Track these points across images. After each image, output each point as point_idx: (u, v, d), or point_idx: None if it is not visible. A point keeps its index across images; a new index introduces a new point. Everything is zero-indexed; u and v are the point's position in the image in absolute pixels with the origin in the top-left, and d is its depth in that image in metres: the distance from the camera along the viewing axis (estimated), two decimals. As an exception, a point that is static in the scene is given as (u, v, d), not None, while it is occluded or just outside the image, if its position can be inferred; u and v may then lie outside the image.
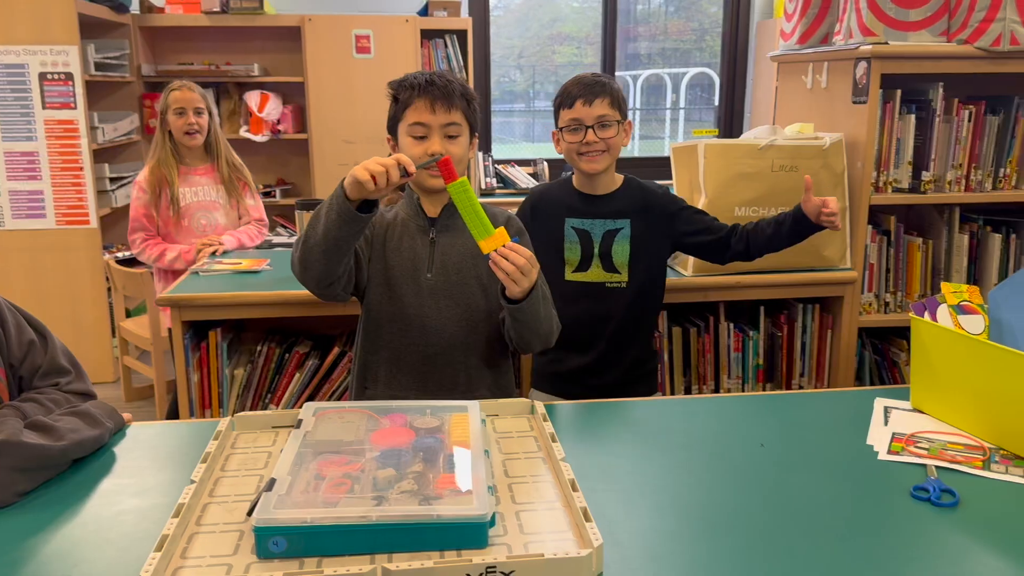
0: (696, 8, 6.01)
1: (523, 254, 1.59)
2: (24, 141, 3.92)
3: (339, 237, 1.59)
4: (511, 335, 1.79)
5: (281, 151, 5.01)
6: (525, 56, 6.07)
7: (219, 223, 3.19)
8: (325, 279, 1.68)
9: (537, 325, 1.73)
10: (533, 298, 1.66)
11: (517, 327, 1.74)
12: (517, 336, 1.77)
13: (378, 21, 4.72)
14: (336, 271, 1.67)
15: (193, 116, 3.08)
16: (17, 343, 1.51)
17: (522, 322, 1.71)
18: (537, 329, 1.74)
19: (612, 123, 2.06)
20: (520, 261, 1.59)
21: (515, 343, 1.81)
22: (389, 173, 1.50)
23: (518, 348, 1.84)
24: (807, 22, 2.91)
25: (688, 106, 6.31)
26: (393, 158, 1.52)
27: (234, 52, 4.89)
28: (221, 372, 2.45)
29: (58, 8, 3.86)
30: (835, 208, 2.05)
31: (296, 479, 1.20)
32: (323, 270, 1.65)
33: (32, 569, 1.11)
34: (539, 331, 1.75)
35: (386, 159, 1.51)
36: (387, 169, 1.50)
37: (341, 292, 1.75)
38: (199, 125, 3.10)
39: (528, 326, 1.72)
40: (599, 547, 1.08)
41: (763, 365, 2.75)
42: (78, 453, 1.39)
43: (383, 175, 1.50)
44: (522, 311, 1.68)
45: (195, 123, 3.09)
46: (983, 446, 1.46)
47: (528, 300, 1.66)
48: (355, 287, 1.83)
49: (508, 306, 1.68)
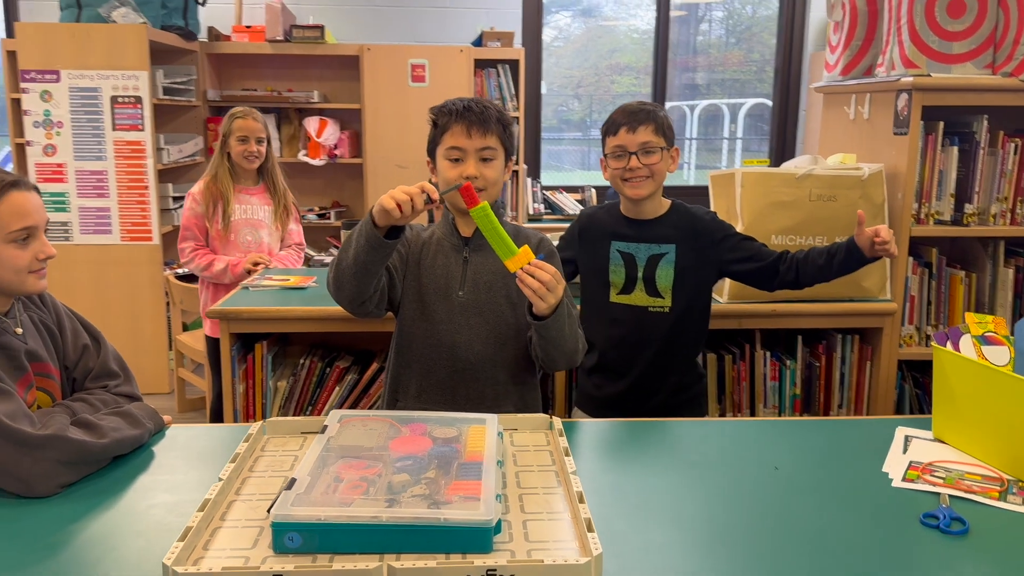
0: (756, 39, 6.01)
1: (548, 270, 1.65)
2: (94, 161, 4.12)
3: (368, 261, 1.67)
4: (537, 352, 1.84)
5: (337, 175, 5.16)
6: (583, 86, 6.14)
7: (263, 241, 3.32)
8: (357, 299, 1.76)
9: (562, 342, 1.77)
10: (558, 315, 1.71)
11: (543, 344, 1.78)
12: (543, 353, 1.82)
13: (434, 51, 4.85)
14: (367, 291, 1.75)
15: (255, 145, 3.23)
16: (73, 347, 1.62)
17: (548, 339, 1.76)
18: (562, 346, 1.78)
19: (656, 149, 2.10)
20: (545, 277, 1.64)
21: (541, 361, 1.86)
22: (414, 201, 1.59)
23: (544, 366, 1.89)
24: (850, 54, 2.92)
25: (746, 136, 6.31)
26: (417, 186, 1.60)
27: (296, 79, 5.07)
28: (265, 383, 2.55)
29: (131, 36, 4.07)
30: (887, 236, 2.04)
31: (316, 480, 1.27)
32: (355, 291, 1.74)
33: (69, 553, 1.20)
34: (564, 348, 1.79)
35: (411, 188, 1.59)
36: (411, 197, 1.58)
37: (374, 309, 1.82)
38: (259, 153, 3.26)
39: (554, 343, 1.77)
40: (598, 556, 1.11)
41: (800, 395, 2.74)
42: (119, 450, 1.48)
43: (408, 203, 1.59)
44: (548, 328, 1.72)
45: (256, 151, 3.24)
46: (1002, 477, 1.46)
47: (554, 317, 1.70)
48: (389, 303, 1.90)
49: (534, 323, 1.73)
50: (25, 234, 1.45)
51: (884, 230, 2.02)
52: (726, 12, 6.21)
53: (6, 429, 1.32)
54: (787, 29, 5.59)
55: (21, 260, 1.45)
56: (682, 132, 6.22)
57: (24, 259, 1.45)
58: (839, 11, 2.98)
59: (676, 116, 6.15)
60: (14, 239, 1.43)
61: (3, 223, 1.42)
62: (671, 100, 6.00)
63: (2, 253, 1.43)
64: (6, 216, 1.42)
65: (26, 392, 1.47)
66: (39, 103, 4.06)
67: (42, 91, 4.05)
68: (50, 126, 4.08)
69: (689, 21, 6.09)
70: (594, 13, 6.02)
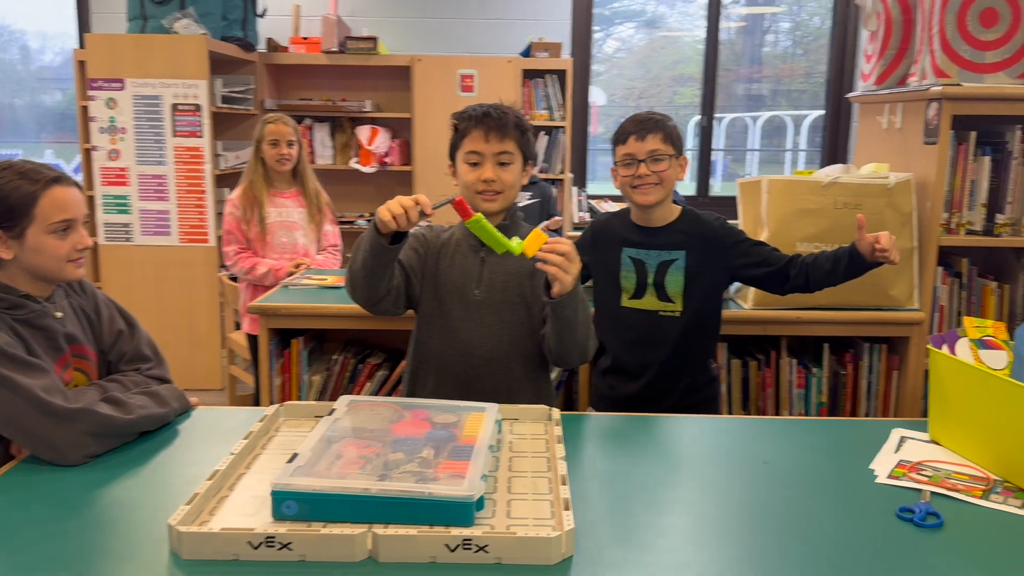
0: (824, 51, 5.93)
1: (565, 243, 1.70)
2: (155, 165, 4.33)
3: (374, 265, 1.77)
4: (551, 344, 1.87)
5: (387, 182, 5.30)
6: (645, 97, 6.17)
7: (298, 242, 3.45)
8: (371, 299, 1.86)
9: (577, 327, 1.81)
10: (575, 293, 1.75)
11: (559, 328, 1.81)
12: (557, 342, 1.84)
13: (483, 62, 4.97)
14: (378, 293, 1.84)
15: (286, 148, 3.37)
16: (108, 332, 1.75)
17: (564, 320, 1.79)
18: (576, 332, 1.81)
19: (665, 157, 2.15)
20: (564, 249, 1.69)
21: (555, 353, 1.89)
22: (408, 214, 1.67)
23: (558, 359, 1.92)
24: (884, 63, 2.93)
25: (809, 148, 6.26)
26: (411, 199, 1.68)
27: (349, 89, 5.24)
28: (301, 377, 2.66)
29: (192, 46, 4.27)
30: (887, 244, 2.07)
31: (319, 457, 1.36)
32: (367, 292, 1.84)
33: (93, 514, 1.32)
34: (578, 335, 1.82)
35: (406, 200, 1.68)
36: (407, 211, 1.67)
37: (391, 307, 1.91)
38: (290, 156, 3.39)
39: (569, 325, 1.80)
40: (570, 531, 1.18)
41: (826, 403, 2.75)
42: (145, 426, 1.60)
43: (403, 216, 1.67)
44: (565, 307, 1.76)
45: (287, 154, 3.38)
46: (989, 477, 1.47)
47: (571, 295, 1.75)
48: (408, 301, 1.99)
49: (552, 303, 1.76)
50: (65, 226, 1.58)
51: (885, 237, 2.04)
52: (792, 23, 6.19)
53: (41, 402, 1.44)
54: (839, 40, 5.56)
55: (61, 249, 1.58)
56: (744, 143, 6.21)
57: (63, 249, 1.58)
58: (874, 21, 2.98)
59: (738, 127, 6.14)
60: (55, 230, 1.56)
61: (45, 215, 1.55)
62: (733, 111, 5.99)
63: (44, 243, 1.56)
64: (48, 209, 1.55)
65: (63, 371, 1.60)
66: (105, 110, 4.28)
67: (108, 98, 4.28)
68: (114, 132, 4.30)
69: (753, 32, 6.08)
70: (658, 24, 6.06)
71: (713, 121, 5.62)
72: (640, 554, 1.22)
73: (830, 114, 5.66)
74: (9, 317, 1.55)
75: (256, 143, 3.39)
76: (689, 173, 5.74)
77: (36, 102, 6.20)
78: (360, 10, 5.34)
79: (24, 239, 1.56)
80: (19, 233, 1.55)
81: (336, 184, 4.64)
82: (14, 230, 1.55)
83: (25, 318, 1.57)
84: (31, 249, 1.56)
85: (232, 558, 1.16)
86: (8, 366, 1.46)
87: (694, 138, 5.73)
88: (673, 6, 5.99)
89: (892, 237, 2.09)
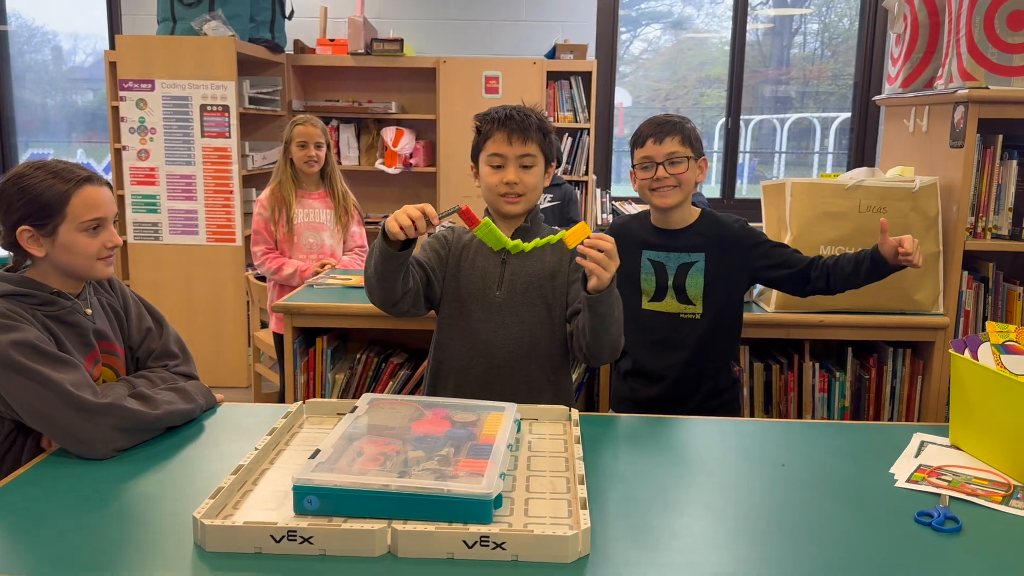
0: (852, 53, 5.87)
1: (608, 241, 1.69)
2: (184, 165, 4.40)
3: (385, 271, 1.79)
4: (583, 340, 1.84)
5: (412, 182, 5.33)
6: (671, 98, 6.16)
7: (325, 243, 3.49)
8: (387, 301, 1.87)
9: (612, 323, 1.80)
10: (612, 289, 1.75)
11: (594, 323, 1.79)
12: (591, 337, 1.82)
13: (507, 63, 4.99)
14: (394, 295, 1.85)
15: (314, 149, 3.41)
16: (137, 329, 1.79)
17: (600, 316, 1.77)
18: (610, 328, 1.80)
19: (683, 160, 2.16)
20: (606, 246, 1.69)
21: (586, 349, 1.86)
22: (416, 224, 1.68)
23: (588, 354, 1.88)
24: (911, 66, 2.91)
25: (837, 151, 6.21)
26: (419, 210, 1.69)
27: (375, 91, 5.28)
28: (324, 375, 2.69)
29: (221, 48, 4.33)
30: (910, 248, 2.07)
31: (341, 453, 1.38)
32: (382, 295, 1.85)
33: (119, 506, 1.35)
34: (611, 331, 1.81)
35: (413, 211, 1.69)
36: (414, 221, 1.68)
37: (411, 308, 1.92)
38: (318, 157, 3.44)
39: (604, 321, 1.79)
40: (586, 530, 1.19)
41: (849, 408, 2.73)
42: (171, 422, 1.63)
43: (411, 227, 1.68)
44: (602, 302, 1.75)
45: (315, 155, 3.42)
46: (1009, 483, 1.46)
47: (609, 290, 1.74)
48: (429, 302, 2.00)
49: (589, 297, 1.75)
50: (95, 224, 1.61)
51: (908, 241, 2.03)
52: (821, 24, 6.15)
53: (71, 396, 1.48)
54: (867, 42, 5.52)
55: (91, 247, 1.61)
56: (771, 145, 6.18)
57: (94, 247, 1.62)
58: (901, 23, 2.97)
59: (766, 129, 6.11)
60: (85, 228, 1.60)
61: (76, 214, 1.59)
62: (760, 113, 5.96)
63: (74, 240, 1.59)
64: (79, 207, 1.59)
65: (93, 367, 1.64)
66: (135, 110, 4.35)
67: (138, 99, 4.34)
68: (144, 132, 4.37)
69: (782, 33, 6.05)
70: (685, 25, 6.04)
71: (740, 123, 5.60)
72: (656, 554, 1.23)
73: (857, 117, 5.62)
74: (41, 313, 1.59)
75: (285, 144, 3.44)
76: (714, 175, 5.73)
77: (67, 102, 6.29)
78: (386, 12, 5.38)
79: (56, 237, 1.60)
80: (51, 231, 1.59)
81: (361, 185, 4.67)
82: (46, 228, 1.59)
83: (56, 315, 1.61)
84: (62, 247, 1.60)
85: (255, 551, 1.19)
86: (40, 361, 1.50)
87: (720, 140, 5.71)
88: (700, 7, 5.98)
89: (915, 240, 2.09)
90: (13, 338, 1.49)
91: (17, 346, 1.49)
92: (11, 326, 1.51)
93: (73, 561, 1.17)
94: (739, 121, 5.59)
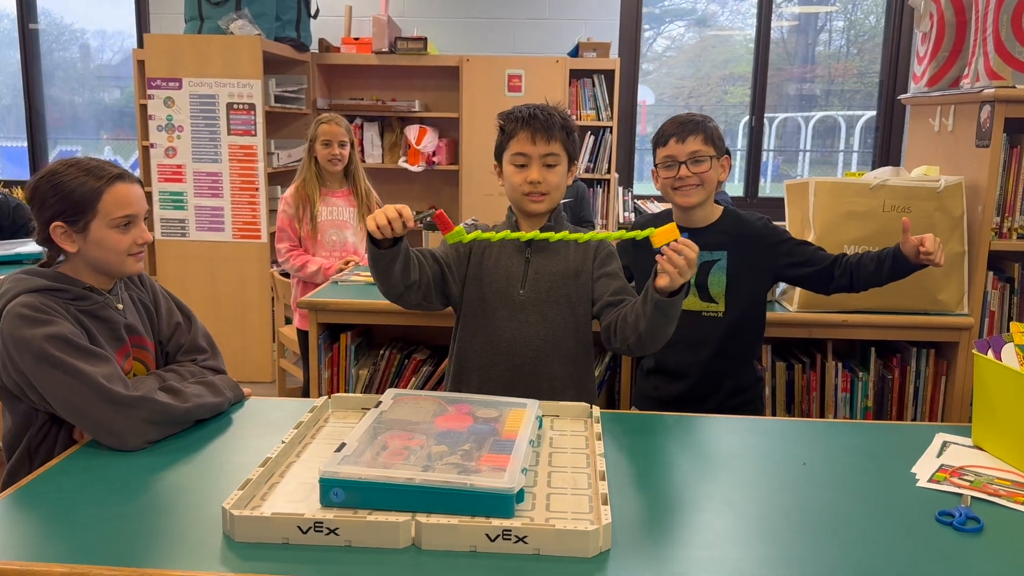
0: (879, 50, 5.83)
1: (693, 249, 1.68)
2: (210, 163, 4.45)
3: (376, 266, 1.82)
4: (632, 333, 1.82)
5: (435, 180, 5.37)
6: (695, 96, 6.14)
7: (348, 240, 3.54)
8: (390, 293, 1.90)
9: (672, 324, 1.80)
10: (682, 296, 1.75)
11: (657, 321, 1.77)
12: (648, 331, 1.79)
13: (530, 62, 5.00)
14: (395, 288, 1.87)
15: (338, 148, 3.46)
16: (167, 324, 1.82)
17: (667, 316, 1.77)
18: (668, 327, 1.80)
19: (705, 158, 2.16)
20: (691, 255, 1.67)
21: (634, 342, 1.83)
22: (392, 225, 1.71)
23: (636, 345, 1.85)
24: (937, 65, 2.89)
25: (862, 149, 6.17)
26: (396, 211, 1.71)
27: (399, 89, 5.31)
28: (348, 371, 2.73)
29: (247, 47, 4.37)
30: (931, 247, 2.07)
31: (366, 447, 1.40)
32: (384, 288, 1.88)
33: (150, 496, 1.38)
34: (668, 331, 1.81)
35: (391, 212, 1.71)
36: (391, 222, 1.71)
37: (422, 302, 1.95)
38: (342, 156, 3.48)
39: (669, 321, 1.78)
40: (607, 525, 1.21)
41: (872, 408, 2.73)
42: (200, 415, 1.67)
43: (387, 227, 1.71)
44: (673, 305, 1.75)
45: (339, 154, 3.47)
46: (1033, 484, 1.46)
47: (681, 294, 1.75)
48: (445, 298, 2.03)
49: (660, 299, 1.74)
50: (126, 221, 1.65)
51: (929, 240, 2.03)
52: (847, 22, 6.10)
53: (103, 389, 1.51)
54: (893, 40, 5.48)
55: (122, 243, 1.65)
56: (796, 143, 6.15)
57: (124, 243, 1.65)
58: (927, 22, 2.95)
59: (790, 127, 6.08)
60: (116, 225, 1.64)
61: (107, 210, 1.62)
62: (785, 111, 5.93)
63: (105, 236, 1.63)
64: (110, 204, 1.62)
65: (124, 360, 1.68)
66: (163, 108, 4.41)
67: (165, 97, 4.40)
68: (171, 130, 4.43)
69: (807, 30, 6.01)
70: (709, 23, 6.02)
71: (764, 121, 5.58)
72: (675, 550, 1.24)
73: (883, 115, 5.58)
74: (74, 308, 1.62)
75: (310, 143, 3.48)
76: (738, 174, 5.71)
77: (95, 99, 6.38)
78: (410, 10, 5.41)
79: (88, 233, 1.63)
80: (83, 227, 1.63)
81: (384, 183, 4.71)
82: (78, 224, 1.63)
83: (89, 309, 1.65)
84: (94, 242, 1.64)
85: (282, 541, 1.21)
86: (73, 354, 1.53)
87: (743, 138, 5.69)
88: (725, 4, 5.95)
89: (937, 240, 2.09)
90: (47, 332, 1.53)
91: (51, 340, 1.53)
92: (45, 320, 1.55)
93: (105, 549, 1.20)
94: (763, 119, 5.57)
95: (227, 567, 1.16)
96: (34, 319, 1.54)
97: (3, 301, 1.59)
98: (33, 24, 5.91)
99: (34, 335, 1.53)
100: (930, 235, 2.07)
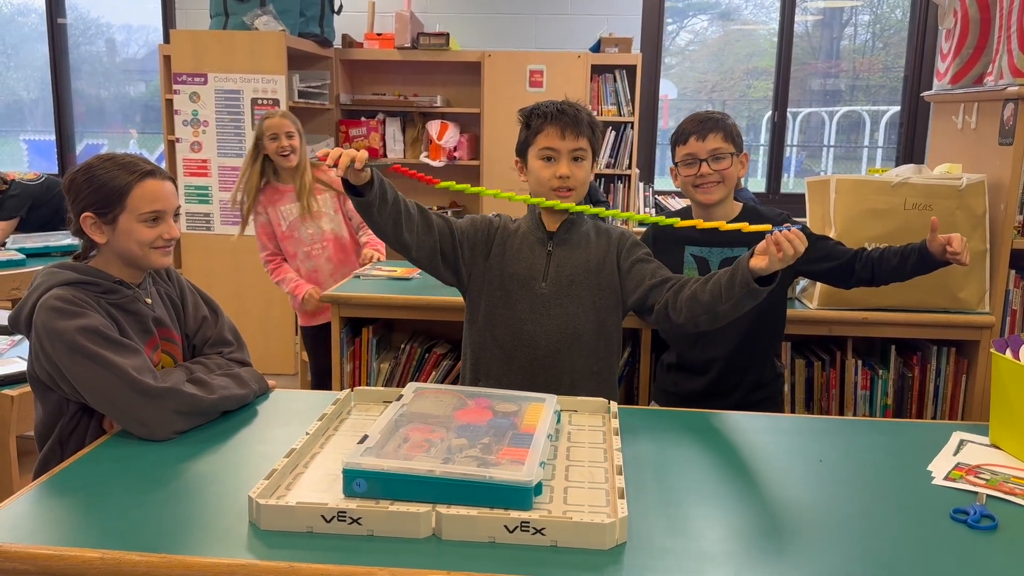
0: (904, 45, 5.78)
1: (800, 245, 1.66)
2: (235, 157, 4.50)
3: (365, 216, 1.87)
4: (707, 315, 1.81)
5: (456, 175, 5.38)
6: (718, 90, 6.12)
7: (324, 228, 3.37)
8: (394, 244, 1.95)
9: (742, 310, 1.79)
10: (775, 282, 1.74)
11: (741, 305, 1.76)
12: (727, 312, 1.78)
13: (552, 57, 5.01)
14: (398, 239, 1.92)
15: (285, 139, 3.25)
16: (193, 317, 1.86)
17: (756, 300, 1.75)
18: (738, 310, 1.79)
19: (726, 155, 2.17)
20: (800, 248, 1.65)
21: (704, 321, 1.83)
22: (342, 158, 1.72)
23: (702, 325, 1.85)
24: (960, 62, 2.88)
25: (887, 145, 6.13)
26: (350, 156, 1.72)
27: (421, 84, 5.34)
28: (370, 364, 2.76)
29: (271, 42, 4.42)
30: (959, 247, 2.07)
31: (388, 439, 1.43)
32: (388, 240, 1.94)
33: (178, 485, 1.42)
34: (731, 316, 1.80)
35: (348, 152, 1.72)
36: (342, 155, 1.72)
37: (427, 263, 2.00)
38: (291, 147, 3.27)
39: (741, 306, 1.77)
40: (623, 519, 1.23)
41: (892, 405, 2.73)
42: (226, 406, 1.70)
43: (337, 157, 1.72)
44: (759, 293, 1.73)
45: (287, 145, 3.26)
46: (1049, 483, 1.47)
47: (775, 281, 1.73)
48: (456, 274, 2.05)
49: (755, 287, 1.71)
50: (154, 216, 1.69)
51: (956, 240, 2.03)
52: (873, 16, 6.06)
53: (133, 380, 1.55)
54: (918, 36, 5.44)
55: (148, 236, 1.68)
56: (819, 139, 6.12)
57: (149, 236, 1.69)
58: (951, 18, 2.94)
59: (814, 123, 6.05)
60: (144, 219, 1.68)
61: (135, 204, 1.66)
62: (809, 106, 5.90)
63: (132, 229, 1.67)
64: (139, 199, 1.66)
65: (152, 353, 1.72)
66: (188, 103, 4.47)
67: (191, 92, 4.46)
68: (197, 125, 4.48)
69: (831, 24, 5.98)
70: (732, 16, 6.00)
71: (787, 116, 5.56)
72: (690, 543, 1.26)
73: (907, 111, 5.55)
74: (104, 301, 1.66)
75: (255, 142, 3.32)
76: (760, 169, 5.69)
77: (121, 93, 6.46)
78: (432, 6, 5.44)
79: (116, 225, 1.67)
80: (112, 219, 1.67)
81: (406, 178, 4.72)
82: (108, 215, 1.67)
83: (118, 302, 1.69)
84: (121, 234, 1.68)
85: (306, 530, 1.24)
86: (104, 346, 1.57)
87: (766, 133, 5.67)
88: (748, -3, 5.94)
89: (963, 239, 2.09)
90: (79, 324, 1.57)
91: (83, 332, 1.57)
92: (78, 312, 1.59)
93: (135, 536, 1.24)
94: (786, 114, 5.55)
95: (253, 554, 1.20)
96: (67, 311, 1.59)
97: (37, 294, 1.63)
98: (61, 19, 5.99)
99: (67, 327, 1.57)
100: (957, 235, 2.07)
